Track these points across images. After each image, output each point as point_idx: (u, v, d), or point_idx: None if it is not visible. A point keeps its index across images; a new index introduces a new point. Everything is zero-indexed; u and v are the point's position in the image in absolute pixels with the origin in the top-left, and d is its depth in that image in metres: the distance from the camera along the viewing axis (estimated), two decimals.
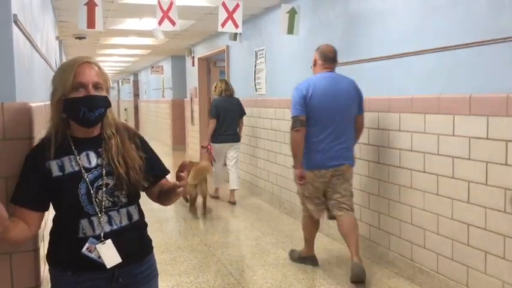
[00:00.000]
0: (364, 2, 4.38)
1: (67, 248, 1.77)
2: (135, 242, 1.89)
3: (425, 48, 3.62)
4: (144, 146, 1.95)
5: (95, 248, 1.74)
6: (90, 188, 1.75)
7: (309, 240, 4.28)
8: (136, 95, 20.46)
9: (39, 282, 1.99)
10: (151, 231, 2.06)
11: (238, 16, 5.00)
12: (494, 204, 3.07)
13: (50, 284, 1.89)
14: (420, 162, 3.68)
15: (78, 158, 1.77)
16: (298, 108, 3.86)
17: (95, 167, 1.79)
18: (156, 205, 2.14)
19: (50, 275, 1.86)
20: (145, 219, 1.98)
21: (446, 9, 3.43)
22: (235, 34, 7.21)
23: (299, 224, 5.55)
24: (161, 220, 5.90)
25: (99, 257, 1.74)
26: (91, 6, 4.58)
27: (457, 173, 3.35)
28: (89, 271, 1.77)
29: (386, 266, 4.13)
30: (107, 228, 1.78)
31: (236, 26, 5.03)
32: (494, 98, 3.04)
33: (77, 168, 1.76)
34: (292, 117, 3.89)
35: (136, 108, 20.63)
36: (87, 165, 1.78)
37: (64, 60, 9.85)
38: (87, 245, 1.73)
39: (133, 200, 1.86)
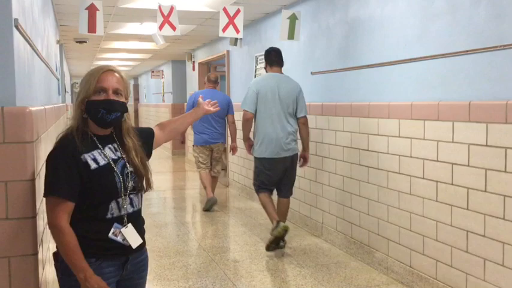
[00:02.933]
0: (364, 9, 4.39)
1: (94, 232, 1.92)
2: (142, 229, 2.13)
3: (424, 55, 3.63)
4: (140, 135, 2.16)
5: (120, 231, 1.96)
6: (124, 175, 1.99)
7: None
8: (136, 99, 20.48)
9: (38, 286, 1.99)
10: (150, 236, 2.16)
11: (239, 21, 5.01)
12: (493, 211, 3.07)
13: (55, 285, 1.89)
14: (419, 169, 3.69)
15: (105, 151, 1.98)
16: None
17: (119, 158, 2.02)
18: (156, 210, 2.34)
19: (65, 268, 1.88)
20: (145, 224, 2.20)
21: (446, 16, 3.44)
22: (236, 39, 7.24)
23: (298, 230, 5.56)
24: (160, 225, 5.90)
25: (124, 239, 1.97)
26: (92, 11, 4.60)
27: (456, 180, 3.35)
28: (111, 257, 1.97)
29: (385, 272, 4.13)
30: (130, 210, 2.01)
31: (237, 31, 5.05)
32: (493, 105, 3.05)
33: (108, 160, 1.97)
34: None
35: (136, 112, 20.64)
36: (113, 156, 2.01)
37: (65, 64, 9.87)
38: (112, 229, 1.94)
39: (146, 187, 2.12)
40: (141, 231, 2.08)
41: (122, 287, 2.06)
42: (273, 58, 4.87)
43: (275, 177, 4.80)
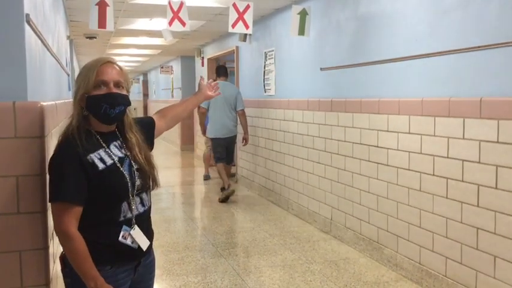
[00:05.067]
0: (374, 5, 4.36)
1: (106, 238, 1.83)
2: (151, 230, 2.05)
3: (435, 51, 3.60)
4: (139, 128, 2.03)
5: (129, 234, 1.87)
6: (131, 173, 1.89)
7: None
8: (145, 94, 20.54)
9: (48, 280, 2.00)
10: (159, 231, 2.13)
11: (248, 17, 5.00)
12: (504, 208, 3.05)
13: (62, 283, 1.90)
14: (430, 166, 3.66)
15: (110, 149, 1.87)
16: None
17: (125, 156, 1.91)
18: (165, 205, 2.28)
19: (76, 274, 1.78)
20: (154, 219, 2.11)
21: (457, 11, 3.41)
22: (245, 35, 7.22)
23: (307, 225, 5.56)
24: (169, 220, 5.92)
25: (133, 242, 1.87)
26: (102, 6, 4.60)
27: (467, 177, 3.33)
28: (125, 262, 1.89)
29: (394, 269, 4.12)
30: (141, 209, 1.93)
31: (246, 26, 5.03)
32: (505, 101, 3.02)
33: (115, 158, 1.87)
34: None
35: (145, 108, 20.70)
36: (119, 154, 1.90)
37: (75, 59, 9.92)
38: (122, 233, 1.85)
39: (153, 184, 2.02)
40: (149, 232, 1.99)
41: None
42: (221, 71, 7.30)
43: (224, 150, 7.08)
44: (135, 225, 1.88)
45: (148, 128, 2.13)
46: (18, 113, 1.89)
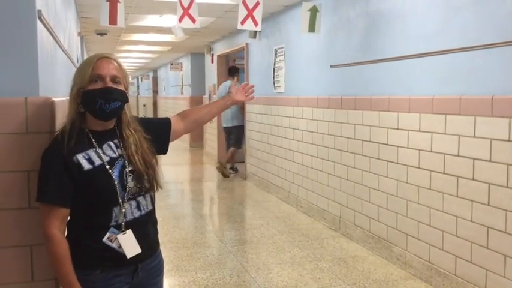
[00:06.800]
0: (385, 2, 4.34)
1: (95, 242, 1.76)
2: (154, 234, 1.95)
3: (446, 48, 3.57)
4: (146, 128, 1.94)
5: (116, 238, 1.76)
6: (122, 176, 1.79)
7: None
8: (155, 91, 20.60)
9: None
10: (168, 227, 2.09)
11: (258, 14, 4.99)
12: None
13: None
14: (440, 164, 3.64)
15: (101, 149, 1.79)
16: None
17: (119, 157, 1.82)
18: (174, 201, 2.21)
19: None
20: (163, 215, 2.04)
21: (469, 9, 3.38)
22: (255, 32, 7.22)
23: (316, 223, 5.55)
24: (178, 216, 5.94)
25: (119, 247, 1.77)
26: (113, 3, 4.62)
27: (478, 175, 3.31)
28: (116, 267, 1.79)
29: (403, 267, 4.10)
30: (136, 214, 1.82)
31: (256, 24, 5.02)
32: None
33: (105, 159, 1.78)
34: None
35: (155, 104, 20.78)
36: (112, 155, 1.81)
37: (86, 56, 9.97)
38: (107, 234, 1.75)
39: (153, 186, 1.89)
40: (149, 236, 1.89)
41: None
42: (233, 71, 8.75)
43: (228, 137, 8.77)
44: (128, 231, 1.78)
45: (162, 130, 2.04)
46: (30, 109, 1.90)
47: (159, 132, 2.01)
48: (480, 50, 3.28)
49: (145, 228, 1.88)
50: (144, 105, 23.24)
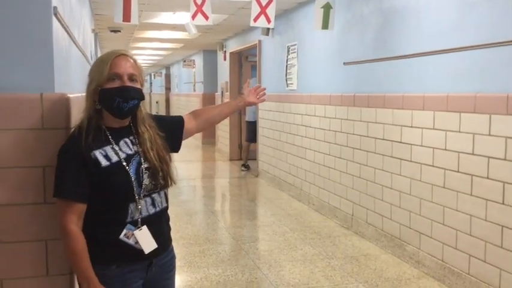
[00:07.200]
0: None
1: (111, 237, 1.78)
2: (167, 230, 1.98)
3: (461, 46, 3.54)
4: (159, 125, 1.95)
5: (132, 234, 1.79)
6: (139, 173, 1.80)
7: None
8: (167, 88, 20.67)
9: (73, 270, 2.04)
10: (180, 224, 2.10)
11: (271, 11, 4.98)
12: None
13: None
14: (454, 162, 3.61)
15: (118, 146, 1.81)
16: None
17: (135, 154, 1.83)
18: (186, 197, 2.22)
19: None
20: (175, 212, 2.06)
21: (484, 5, 3.34)
22: (268, 29, 7.20)
23: (328, 221, 5.54)
24: (190, 213, 5.96)
25: (136, 242, 1.79)
26: (127, 0, 4.64)
27: (492, 174, 3.27)
28: (131, 262, 1.82)
29: (416, 266, 4.08)
30: (151, 211, 1.84)
31: (268, 21, 5.01)
32: None
33: (122, 156, 1.79)
34: None
35: (167, 101, 20.85)
36: (128, 151, 1.82)
37: (99, 52, 10.03)
38: (124, 231, 1.77)
39: (167, 182, 1.91)
40: (163, 232, 1.92)
41: None
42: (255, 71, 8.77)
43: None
44: (143, 227, 1.80)
45: (175, 127, 2.06)
46: (46, 105, 1.91)
47: (172, 130, 2.03)
48: (495, 47, 3.24)
49: (160, 224, 1.91)
50: (157, 102, 23.34)
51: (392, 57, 4.38)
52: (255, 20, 5.00)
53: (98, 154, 1.76)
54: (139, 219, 1.80)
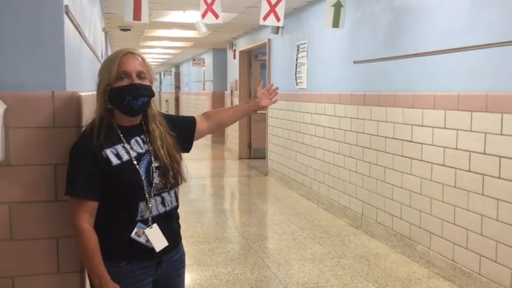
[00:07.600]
0: None
1: (122, 235, 1.79)
2: (177, 228, 1.99)
3: (473, 44, 3.51)
4: (171, 124, 1.96)
5: (143, 232, 1.80)
6: (149, 171, 1.82)
7: None
8: (177, 87, 20.73)
9: (83, 267, 2.05)
10: (189, 222, 2.10)
11: (280, 9, 4.97)
12: None
13: None
14: (465, 161, 3.59)
15: (129, 145, 1.82)
16: None
17: (146, 152, 1.84)
18: (195, 196, 2.22)
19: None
20: (185, 210, 2.06)
21: (497, 3, 3.31)
22: (277, 27, 7.20)
23: (337, 220, 5.53)
24: (200, 211, 5.97)
25: (147, 241, 1.80)
26: None
27: (504, 173, 3.25)
28: (142, 259, 1.84)
29: (426, 266, 4.06)
30: (161, 210, 1.85)
31: (278, 19, 5.01)
32: None
33: (132, 155, 1.81)
34: None
35: (177, 100, 20.90)
36: (139, 150, 1.83)
37: (110, 51, 10.08)
38: (135, 229, 1.79)
39: (177, 182, 1.92)
40: (174, 230, 1.94)
41: (159, 286, 1.93)
42: None
43: None
44: (154, 225, 1.82)
45: (187, 127, 2.07)
46: (57, 103, 1.92)
47: (184, 130, 2.03)
48: (507, 45, 3.21)
49: (170, 222, 1.92)
50: (166, 101, 23.41)
51: (403, 56, 4.36)
52: (265, 18, 5.00)
53: (109, 153, 1.77)
54: (149, 218, 1.82)
